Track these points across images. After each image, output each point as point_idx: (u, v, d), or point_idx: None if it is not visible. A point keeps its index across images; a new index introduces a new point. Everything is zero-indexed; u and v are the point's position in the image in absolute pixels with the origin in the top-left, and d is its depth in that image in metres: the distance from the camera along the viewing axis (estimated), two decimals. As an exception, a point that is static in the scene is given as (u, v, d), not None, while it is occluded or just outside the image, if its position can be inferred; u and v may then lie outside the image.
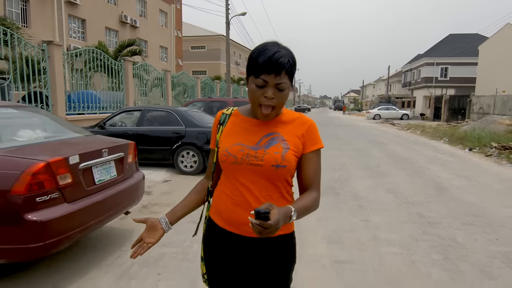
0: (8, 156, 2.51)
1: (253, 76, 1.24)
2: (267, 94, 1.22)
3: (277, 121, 1.33)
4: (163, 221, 1.34)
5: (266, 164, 1.26)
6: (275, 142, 1.29)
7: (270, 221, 1.04)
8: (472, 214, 4.75)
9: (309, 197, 1.32)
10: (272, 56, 1.19)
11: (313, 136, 1.34)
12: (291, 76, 1.25)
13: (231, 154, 1.29)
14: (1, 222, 2.37)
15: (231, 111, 1.43)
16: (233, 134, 1.35)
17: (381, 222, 4.35)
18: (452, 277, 2.99)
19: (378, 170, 7.79)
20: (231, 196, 1.32)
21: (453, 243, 3.74)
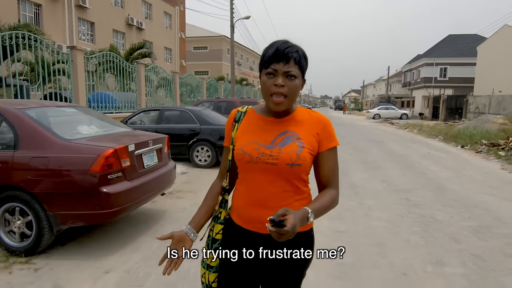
0: (85, 144, 3.30)
1: (264, 68, 1.28)
2: (277, 82, 1.24)
3: (292, 119, 1.35)
4: (190, 231, 1.36)
5: (281, 162, 1.27)
6: (290, 140, 1.30)
7: (286, 227, 1.08)
8: (452, 199, 5.52)
9: (327, 195, 1.34)
10: (280, 47, 1.25)
11: (329, 134, 1.36)
12: (301, 67, 1.28)
13: (247, 153, 1.31)
14: (82, 194, 3.15)
15: (246, 109, 1.45)
16: (248, 132, 1.37)
17: (374, 204, 5.13)
18: (427, 241, 3.77)
19: (375, 164, 8.56)
20: (247, 194, 1.35)
21: (432, 219, 4.51)
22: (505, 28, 28.13)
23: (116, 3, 26.43)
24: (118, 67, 11.62)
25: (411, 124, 22.68)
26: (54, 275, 2.97)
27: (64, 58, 9.32)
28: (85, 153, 3.19)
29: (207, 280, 1.43)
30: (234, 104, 12.17)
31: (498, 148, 10.52)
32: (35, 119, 3.39)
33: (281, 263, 1.33)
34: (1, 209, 3.28)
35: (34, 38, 8.26)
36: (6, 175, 3.20)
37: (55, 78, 9.35)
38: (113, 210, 3.24)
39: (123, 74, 12.07)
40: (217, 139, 7.62)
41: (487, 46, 30.24)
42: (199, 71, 44.53)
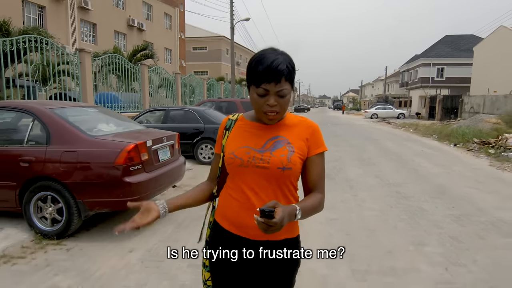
0: (110, 140, 3.74)
1: (254, 86, 1.26)
2: (269, 103, 1.25)
3: (282, 125, 1.37)
4: (160, 204, 1.34)
5: (272, 166, 1.28)
6: (280, 145, 1.32)
7: (274, 219, 1.08)
8: (440, 192, 5.98)
9: (314, 198, 1.36)
10: (270, 65, 1.21)
11: (318, 139, 1.38)
12: (291, 81, 1.28)
13: (238, 156, 1.32)
14: (108, 183, 3.59)
15: (236, 117, 1.46)
16: (239, 138, 1.38)
17: (367, 196, 5.57)
18: (412, 227, 4.22)
19: (369, 161, 9.01)
20: (237, 199, 1.34)
21: (419, 209, 4.96)
22: (501, 29, 28.61)
23: (117, 4, 26.83)
24: (122, 68, 12.04)
25: (407, 124, 23.15)
26: (84, 254, 3.41)
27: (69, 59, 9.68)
28: (110, 147, 3.63)
29: (204, 277, 1.50)
30: (235, 104, 12.60)
31: (488, 146, 10.99)
32: (64, 118, 3.82)
33: (268, 269, 1.34)
34: (34, 197, 3.71)
35: (45, 41, 8.67)
36: (40, 167, 3.64)
37: (59, 78, 9.72)
38: (135, 198, 3.67)
39: (127, 75, 12.50)
40: (220, 137, 8.05)
41: (483, 46, 30.72)
42: (198, 71, 44.89)
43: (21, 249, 3.49)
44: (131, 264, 3.20)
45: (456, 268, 3.17)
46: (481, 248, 3.63)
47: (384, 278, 2.96)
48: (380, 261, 3.28)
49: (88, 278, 2.96)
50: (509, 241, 3.81)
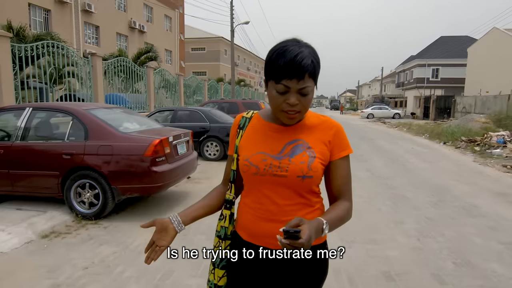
0: (138, 135, 4.43)
1: (273, 81, 1.13)
2: (289, 101, 1.12)
3: (301, 126, 1.24)
4: (175, 220, 1.24)
5: (291, 175, 1.17)
6: (299, 150, 1.20)
7: (301, 239, 0.95)
8: (423, 183, 6.69)
9: (341, 206, 1.24)
10: (294, 59, 1.08)
11: (342, 141, 1.25)
12: (315, 78, 1.14)
13: (253, 164, 1.21)
14: (138, 172, 4.28)
15: (251, 115, 1.36)
16: (254, 141, 1.27)
17: (357, 187, 6.27)
18: (394, 210, 4.93)
19: (362, 158, 9.72)
20: (254, 208, 1.25)
21: (402, 197, 5.67)
22: (494, 31, 29.42)
23: (119, 7, 27.47)
24: (129, 70, 12.70)
25: (401, 123, 23.91)
26: (119, 231, 4.10)
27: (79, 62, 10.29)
28: (139, 142, 4.32)
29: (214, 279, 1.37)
30: (237, 105, 13.30)
31: (474, 144, 11.73)
32: (98, 117, 4.51)
33: (292, 280, 1.24)
34: (74, 184, 4.39)
35: (61, 46, 9.33)
36: (80, 159, 4.32)
37: (66, 80, 10.27)
38: (160, 185, 4.37)
39: (132, 77, 13.16)
40: (225, 135, 8.75)
41: (477, 47, 31.48)
42: (197, 71, 45.47)
43: (66, 227, 4.18)
44: (160, 238, 3.89)
45: (426, 239, 3.88)
46: (450, 225, 4.34)
47: (367, 246, 3.66)
48: (364, 234, 3.99)
49: (127, 247, 3.65)
50: (474, 221, 4.53)
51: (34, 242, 3.77)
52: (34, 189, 4.55)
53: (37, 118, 4.68)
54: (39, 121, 4.71)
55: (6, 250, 3.53)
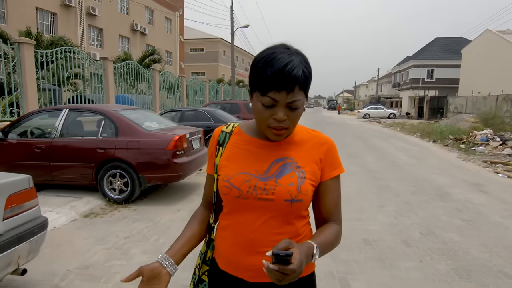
0: (161, 132, 5.24)
1: (258, 92, 0.99)
2: (277, 116, 0.98)
3: (289, 142, 1.11)
4: (168, 263, 1.07)
5: (278, 198, 1.03)
6: (288, 170, 1.06)
7: (292, 265, 0.84)
8: (408, 176, 7.52)
9: (330, 230, 1.11)
10: (283, 69, 0.94)
11: (333, 159, 1.14)
12: (306, 90, 1.01)
13: (234, 186, 1.06)
14: (161, 163, 5.07)
15: (231, 129, 1.19)
16: (236, 159, 1.11)
17: (349, 179, 7.08)
18: (378, 197, 5.75)
19: (355, 155, 10.54)
20: (233, 235, 1.10)
21: (387, 187, 6.49)
22: (487, 32, 30.31)
23: (122, 10, 28.23)
24: (135, 73, 13.46)
25: (395, 123, 24.77)
26: (147, 212, 4.90)
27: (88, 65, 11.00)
28: (162, 138, 5.13)
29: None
30: (238, 106, 14.09)
31: (460, 142, 12.58)
32: (126, 117, 5.31)
33: None
34: (107, 174, 5.19)
35: (77, 51, 10.11)
36: (112, 152, 5.12)
37: (73, 81, 10.91)
38: (179, 174, 5.18)
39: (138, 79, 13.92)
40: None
41: (471, 49, 32.33)
42: (196, 72, 46.18)
43: (101, 209, 4.98)
44: (181, 217, 4.70)
45: (402, 217, 4.70)
46: (424, 208, 5.16)
47: (352, 222, 4.47)
48: (351, 214, 4.79)
49: (156, 224, 4.46)
50: (445, 204, 5.35)
51: (78, 220, 4.57)
52: (72, 179, 5.35)
53: (73, 118, 5.47)
54: (75, 120, 5.50)
55: (58, 225, 4.32)
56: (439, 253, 3.59)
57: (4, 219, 2.39)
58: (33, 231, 2.62)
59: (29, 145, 5.34)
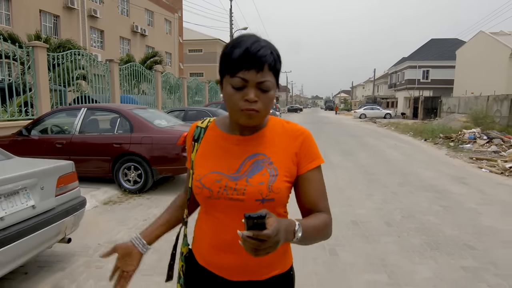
0: (171, 129, 5.81)
1: (228, 75, 0.98)
2: (248, 97, 0.96)
3: (262, 136, 1.09)
4: (139, 243, 1.15)
5: (248, 199, 1.01)
6: (259, 167, 1.04)
7: (267, 230, 0.79)
8: (397, 170, 8.10)
9: (316, 216, 1.07)
10: (250, 47, 0.95)
11: (310, 151, 1.10)
12: (276, 73, 1.00)
13: (205, 186, 1.05)
14: (172, 157, 5.63)
15: (206, 124, 1.18)
16: (209, 156, 1.10)
17: (342, 173, 7.66)
18: (368, 187, 6.33)
19: (349, 152, 11.13)
20: (209, 235, 1.10)
21: (377, 179, 7.07)
22: (480, 34, 30.99)
23: (122, 12, 28.76)
24: (138, 74, 13.99)
25: (391, 123, 25.41)
26: (160, 200, 5.46)
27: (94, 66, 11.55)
28: (172, 134, 5.69)
29: None
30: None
31: (450, 140, 13.20)
32: (139, 115, 5.87)
33: None
34: (122, 167, 5.74)
35: (85, 54, 10.65)
36: (127, 147, 5.67)
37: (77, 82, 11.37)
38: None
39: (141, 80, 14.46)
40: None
41: (465, 50, 32.98)
42: (194, 73, 46.61)
43: (118, 198, 5.53)
44: (191, 204, 5.26)
45: (386, 204, 5.29)
46: (408, 197, 5.75)
47: (342, 208, 5.04)
48: (342, 201, 5.37)
49: (169, 210, 5.02)
50: (427, 194, 5.94)
51: (99, 207, 5.12)
52: (90, 171, 5.90)
53: (91, 116, 6.03)
54: (93, 118, 6.06)
55: (82, 211, 4.88)
56: (416, 230, 4.18)
57: (56, 196, 2.95)
58: (76, 207, 3.19)
59: (51, 141, 5.89)
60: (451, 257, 3.46)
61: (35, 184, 2.72)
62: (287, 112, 54.44)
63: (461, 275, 3.11)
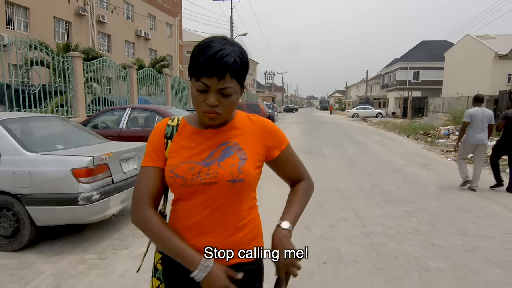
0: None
1: (194, 78, 1.07)
2: (209, 101, 1.05)
3: (231, 128, 1.19)
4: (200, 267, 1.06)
5: (220, 180, 1.10)
6: (230, 152, 1.14)
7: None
8: (376, 160, 9.85)
9: (298, 191, 1.30)
10: (214, 55, 1.02)
11: (276, 138, 1.24)
12: (239, 78, 1.09)
13: (178, 175, 1.11)
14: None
15: (177, 122, 1.24)
16: (181, 149, 1.17)
17: (332, 162, 9.39)
18: (350, 171, 8.08)
19: (339, 146, 12.89)
20: (183, 219, 1.16)
21: (359, 166, 8.81)
22: (467, 37, 32.84)
23: (127, 17, 30.36)
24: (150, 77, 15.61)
25: (380, 122, 27.22)
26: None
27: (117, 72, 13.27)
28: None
29: None
30: (240, 106, 16.33)
31: (428, 136, 15.00)
32: (172, 113, 7.56)
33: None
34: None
35: (109, 61, 12.30)
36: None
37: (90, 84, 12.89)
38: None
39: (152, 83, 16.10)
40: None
41: (453, 52, 34.76)
42: (193, 74, 48.06)
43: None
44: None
45: (362, 180, 7.04)
46: (380, 176, 7.49)
47: (329, 183, 6.76)
48: (329, 179, 7.09)
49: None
50: (396, 175, 7.69)
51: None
52: (134, 157, 7.57)
53: (135, 114, 7.70)
54: (136, 116, 7.74)
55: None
56: (379, 194, 5.94)
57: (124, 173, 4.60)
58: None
59: (104, 134, 7.54)
60: (397, 206, 5.22)
61: (135, 155, 4.42)
62: (283, 112, 56.16)
63: (401, 214, 4.86)
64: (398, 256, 3.49)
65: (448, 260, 3.41)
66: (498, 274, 3.14)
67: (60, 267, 3.25)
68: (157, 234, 1.11)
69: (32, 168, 3.42)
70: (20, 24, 20.29)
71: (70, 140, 4.25)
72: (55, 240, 3.86)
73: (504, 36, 32.73)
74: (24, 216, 3.47)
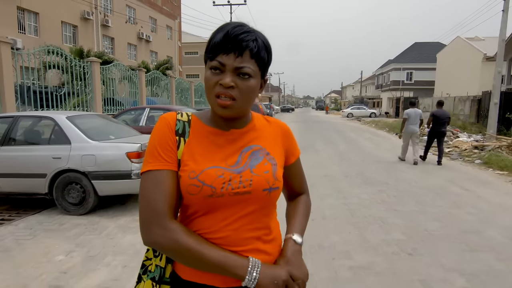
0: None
1: (209, 60, 0.95)
2: (223, 81, 0.91)
3: (252, 129, 1.06)
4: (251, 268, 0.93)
5: (256, 188, 0.97)
6: (259, 158, 1.02)
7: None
8: (363, 154, 11.09)
9: (300, 206, 1.21)
10: (231, 30, 0.92)
11: (294, 143, 1.18)
12: (260, 62, 0.95)
13: (206, 183, 0.94)
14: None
15: (188, 117, 1.05)
16: (203, 152, 0.99)
17: (324, 155, 10.61)
18: (339, 161, 9.32)
19: (331, 142, 14.12)
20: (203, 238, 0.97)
21: (348, 158, 10.04)
22: (457, 39, 34.09)
23: (130, 20, 31.47)
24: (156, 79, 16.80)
25: (373, 121, 28.51)
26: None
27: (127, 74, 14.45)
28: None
29: None
30: (240, 105, 17.48)
31: (414, 134, 16.26)
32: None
33: None
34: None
35: (121, 65, 13.46)
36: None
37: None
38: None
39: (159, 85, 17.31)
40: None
41: (444, 53, 35.89)
42: (191, 74, 49.03)
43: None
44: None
45: (349, 168, 8.27)
46: (364, 166, 8.73)
47: (319, 170, 7.96)
48: (320, 167, 8.30)
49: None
50: (378, 164, 8.93)
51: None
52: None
53: (152, 113, 8.89)
54: (154, 115, 8.93)
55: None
56: (360, 178, 7.18)
57: None
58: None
59: (126, 130, 8.73)
60: (374, 186, 6.47)
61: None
62: (280, 111, 57.37)
63: (376, 191, 6.10)
64: (367, 216, 4.72)
65: (403, 218, 4.65)
66: (435, 225, 4.38)
67: (119, 224, 4.45)
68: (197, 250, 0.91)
69: (97, 152, 4.62)
70: (30, 28, 21.38)
71: (116, 132, 5.44)
72: (108, 209, 5.06)
73: (493, 38, 33.93)
74: (89, 188, 4.66)
